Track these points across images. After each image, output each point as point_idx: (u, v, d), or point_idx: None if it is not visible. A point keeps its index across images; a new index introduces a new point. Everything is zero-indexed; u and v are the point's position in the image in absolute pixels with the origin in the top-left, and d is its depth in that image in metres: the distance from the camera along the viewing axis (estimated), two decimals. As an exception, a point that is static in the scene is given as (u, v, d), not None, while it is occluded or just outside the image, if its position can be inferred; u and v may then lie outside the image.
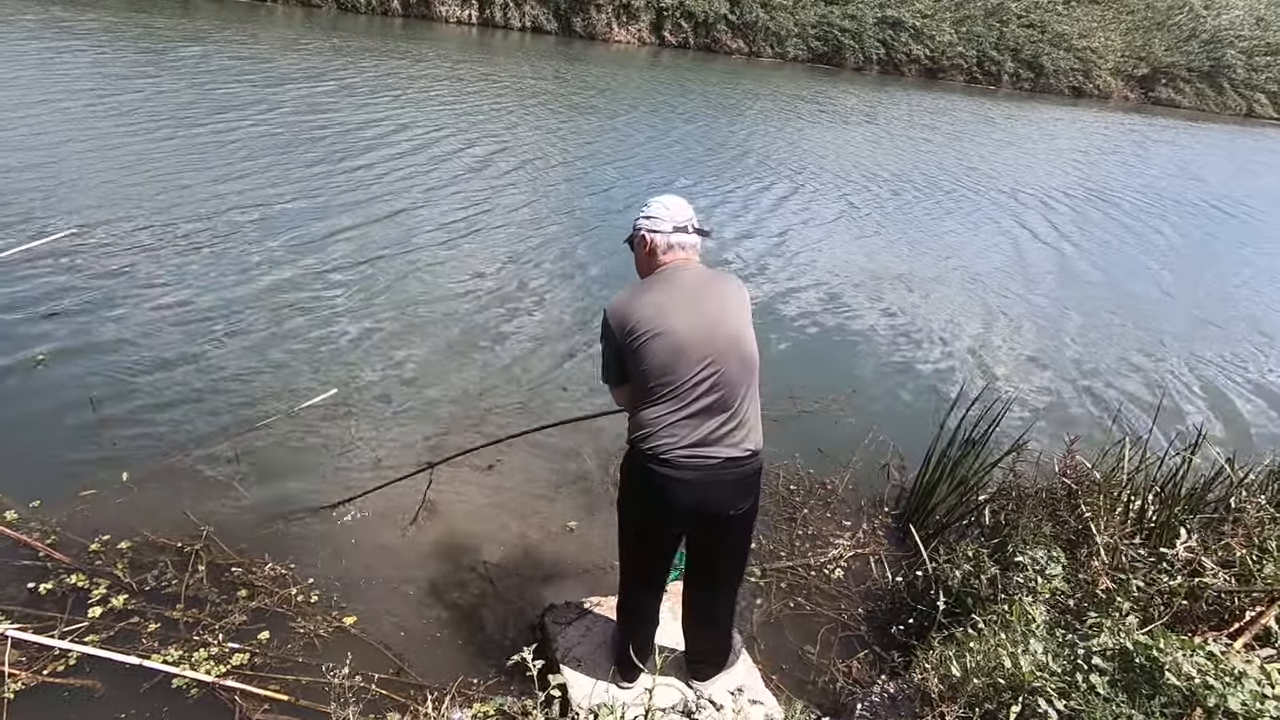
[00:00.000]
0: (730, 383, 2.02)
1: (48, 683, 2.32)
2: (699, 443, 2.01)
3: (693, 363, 1.99)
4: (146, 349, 4.16)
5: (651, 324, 1.99)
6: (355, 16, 19.71)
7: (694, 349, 1.99)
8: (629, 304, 2.05)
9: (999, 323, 6.54)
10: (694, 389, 1.99)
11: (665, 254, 2.09)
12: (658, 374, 2.00)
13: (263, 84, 10.52)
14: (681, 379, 1.99)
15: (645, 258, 2.13)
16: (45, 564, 2.73)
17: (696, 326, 2.00)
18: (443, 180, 7.82)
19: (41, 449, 3.32)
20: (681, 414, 2.00)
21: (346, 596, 2.82)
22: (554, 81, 15.03)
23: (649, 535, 2.22)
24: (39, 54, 10.13)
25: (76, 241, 5.16)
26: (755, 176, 10.04)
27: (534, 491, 3.54)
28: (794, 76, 22.18)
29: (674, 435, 2.00)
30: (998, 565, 2.69)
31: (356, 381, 4.18)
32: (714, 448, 2.02)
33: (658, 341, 1.98)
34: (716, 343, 2.01)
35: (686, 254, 2.11)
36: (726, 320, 2.04)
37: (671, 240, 2.08)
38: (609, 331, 2.06)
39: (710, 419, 2.01)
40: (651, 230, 2.09)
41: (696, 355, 1.99)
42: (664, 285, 2.06)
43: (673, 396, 2.00)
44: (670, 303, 2.02)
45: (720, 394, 2.01)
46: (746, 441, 2.07)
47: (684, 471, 2.01)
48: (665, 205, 2.12)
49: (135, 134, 7.59)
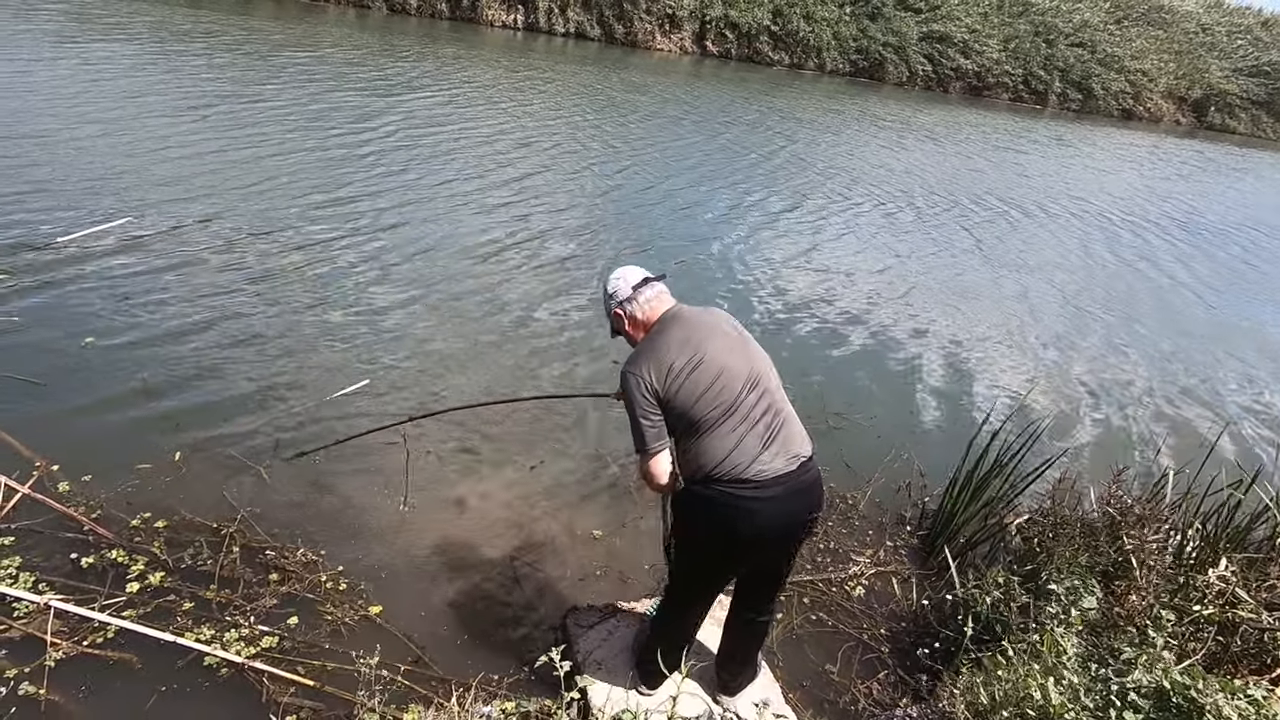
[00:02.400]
0: (775, 393, 2.06)
1: (86, 653, 2.39)
2: (773, 456, 2.01)
3: (740, 380, 2.00)
4: (192, 335, 4.28)
5: (687, 357, 1.98)
6: (405, 18, 20.11)
7: (736, 367, 2.01)
8: (652, 353, 2.03)
9: (1038, 343, 6.42)
10: (752, 406, 2.01)
11: (648, 310, 2.11)
12: (712, 400, 1.98)
13: (320, 82, 10.78)
14: (736, 397, 2.00)
15: (634, 328, 2.15)
16: (88, 538, 2.82)
17: (728, 348, 2.02)
18: (497, 183, 7.93)
19: (93, 426, 3.43)
20: (748, 431, 1.99)
21: (374, 586, 2.86)
22: (637, 92, 15.14)
23: (724, 565, 2.17)
24: (86, 50, 10.50)
25: (131, 230, 5.33)
26: (801, 189, 10.01)
27: (564, 497, 3.56)
28: (839, 90, 22.05)
29: (747, 454, 1.98)
30: (1029, 593, 2.63)
31: (389, 372, 4.25)
32: (785, 457, 2.03)
33: (701, 370, 1.98)
34: (752, 360, 2.04)
35: (664, 300, 2.14)
36: (745, 340, 2.09)
37: (644, 296, 2.11)
38: (640, 388, 2.00)
39: (772, 430, 2.03)
40: (625, 302, 2.12)
41: (740, 373, 2.01)
42: (673, 325, 2.06)
43: (734, 416, 1.99)
44: (692, 334, 2.02)
45: (772, 405, 2.04)
46: (806, 445, 2.10)
47: (767, 489, 1.99)
48: (619, 276, 2.16)
49: (195, 128, 7.82)
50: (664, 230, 7.53)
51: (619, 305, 2.13)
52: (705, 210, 8.44)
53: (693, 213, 8.24)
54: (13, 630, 2.41)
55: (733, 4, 23.92)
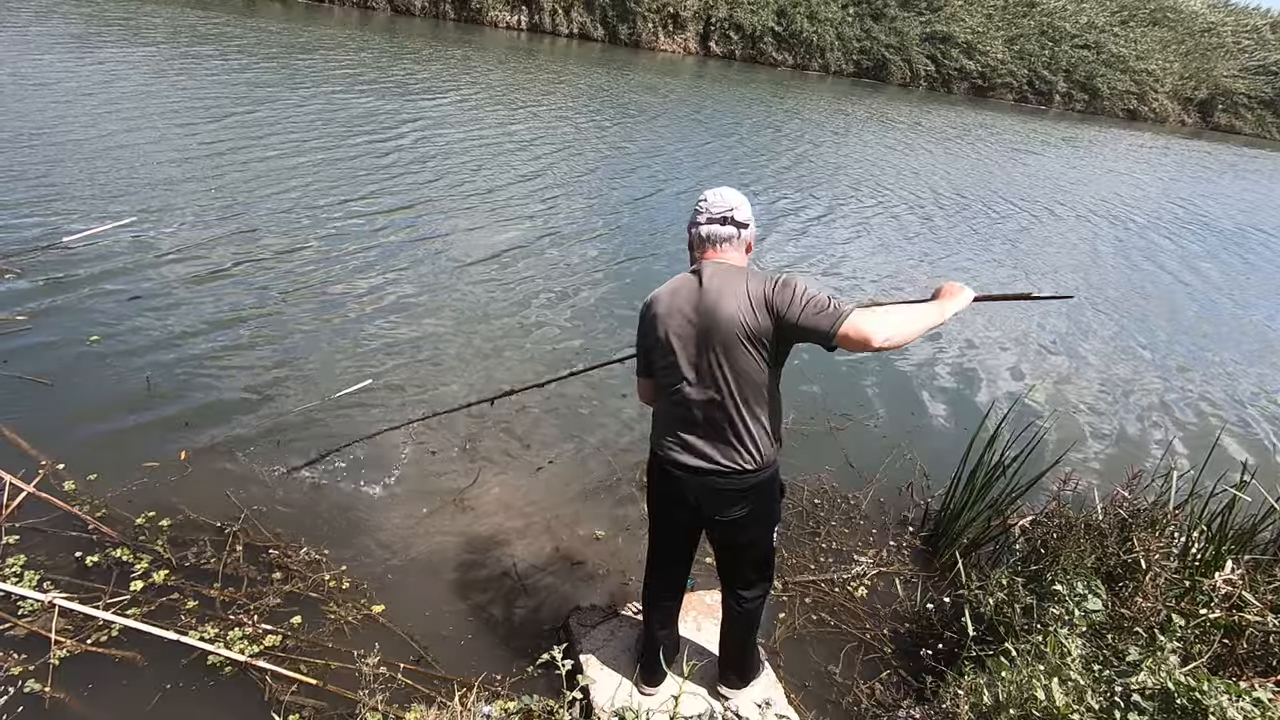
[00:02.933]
0: (725, 390, 1.95)
1: (91, 651, 2.40)
2: (688, 446, 2.04)
3: (688, 366, 1.99)
4: (195, 334, 4.29)
5: (661, 322, 2.01)
6: (409, 19, 20.17)
7: (690, 352, 1.98)
8: (653, 299, 2.07)
9: (1043, 344, 6.40)
10: (690, 394, 1.99)
11: (699, 248, 2.05)
12: (662, 373, 2.05)
13: (326, 84, 10.80)
14: (679, 380, 2.01)
15: (690, 252, 2.11)
16: (93, 536, 2.83)
17: (697, 330, 1.95)
18: (504, 185, 7.93)
19: (99, 425, 3.45)
20: (676, 415, 2.05)
21: (377, 585, 2.86)
22: (646, 93, 15.14)
23: (659, 525, 2.31)
24: (95, 51, 10.54)
25: (137, 230, 5.35)
26: (809, 189, 10.00)
27: (568, 497, 3.56)
28: (843, 90, 22.01)
29: (670, 434, 2.07)
30: (1033, 595, 2.62)
31: (391, 373, 4.26)
32: (701, 457, 2.03)
33: (664, 340, 2.01)
34: (714, 348, 1.94)
35: (721, 249, 2.02)
36: (731, 326, 1.90)
37: (705, 233, 2.02)
38: (640, 324, 2.12)
39: (702, 424, 2.01)
40: (691, 224, 2.06)
41: (691, 358, 1.98)
42: (684, 282, 2.03)
43: (670, 397, 2.05)
44: (682, 303, 1.99)
45: (713, 399, 1.97)
46: (739, 455, 2.01)
47: (678, 470, 2.07)
48: (707, 198, 2.04)
49: (203, 131, 7.85)
50: (671, 232, 7.53)
51: (692, 224, 2.06)
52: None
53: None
54: (17, 628, 2.42)
55: (737, 5, 23.95)
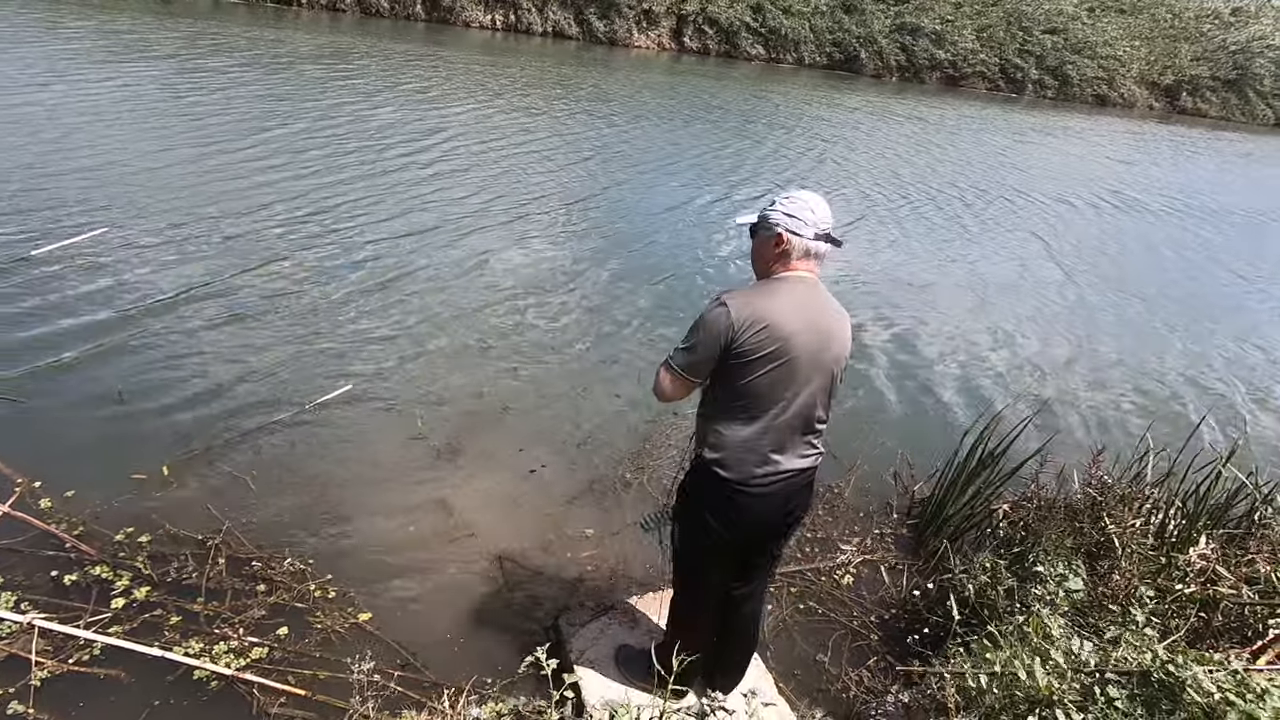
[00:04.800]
0: (822, 405, 2.01)
1: (73, 671, 2.37)
2: (784, 459, 2.00)
3: (800, 389, 1.93)
4: (169, 345, 4.23)
5: (778, 340, 1.86)
6: (379, 20, 19.97)
7: (805, 376, 1.93)
8: (758, 307, 1.87)
9: (1021, 330, 6.49)
10: (793, 414, 1.95)
11: (798, 260, 1.93)
12: (762, 392, 1.91)
13: (297, 88, 10.68)
14: (785, 403, 1.93)
15: (773, 256, 1.95)
16: (70, 555, 2.78)
17: (814, 355, 1.92)
18: (487, 186, 7.89)
19: (74, 440, 3.39)
20: (773, 435, 1.96)
21: (363, 593, 2.85)
22: (634, 91, 15.11)
23: (727, 555, 2.16)
24: (62, 57, 10.34)
25: (107, 241, 5.27)
26: (798, 182, 10.04)
27: (554, 497, 3.56)
28: (818, 82, 22.13)
29: (760, 455, 1.97)
30: (1015, 577, 2.67)
31: (368, 377, 4.23)
32: (796, 460, 2.03)
33: (779, 362, 1.88)
34: (823, 372, 1.96)
35: (815, 265, 1.97)
36: (838, 353, 1.97)
37: (812, 247, 1.92)
38: (722, 325, 1.86)
39: (797, 435, 2.00)
40: (791, 231, 1.90)
41: (803, 382, 1.93)
42: (797, 301, 1.91)
43: (769, 418, 1.94)
44: (804, 325, 1.89)
45: (813, 415, 2.00)
46: (819, 451, 2.09)
47: (771, 488, 1.99)
48: (811, 206, 1.91)
49: (169, 140, 7.73)
50: (659, 229, 7.54)
51: (789, 230, 1.90)
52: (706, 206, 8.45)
53: (690, 209, 8.25)
54: (-6, 652, 2.38)
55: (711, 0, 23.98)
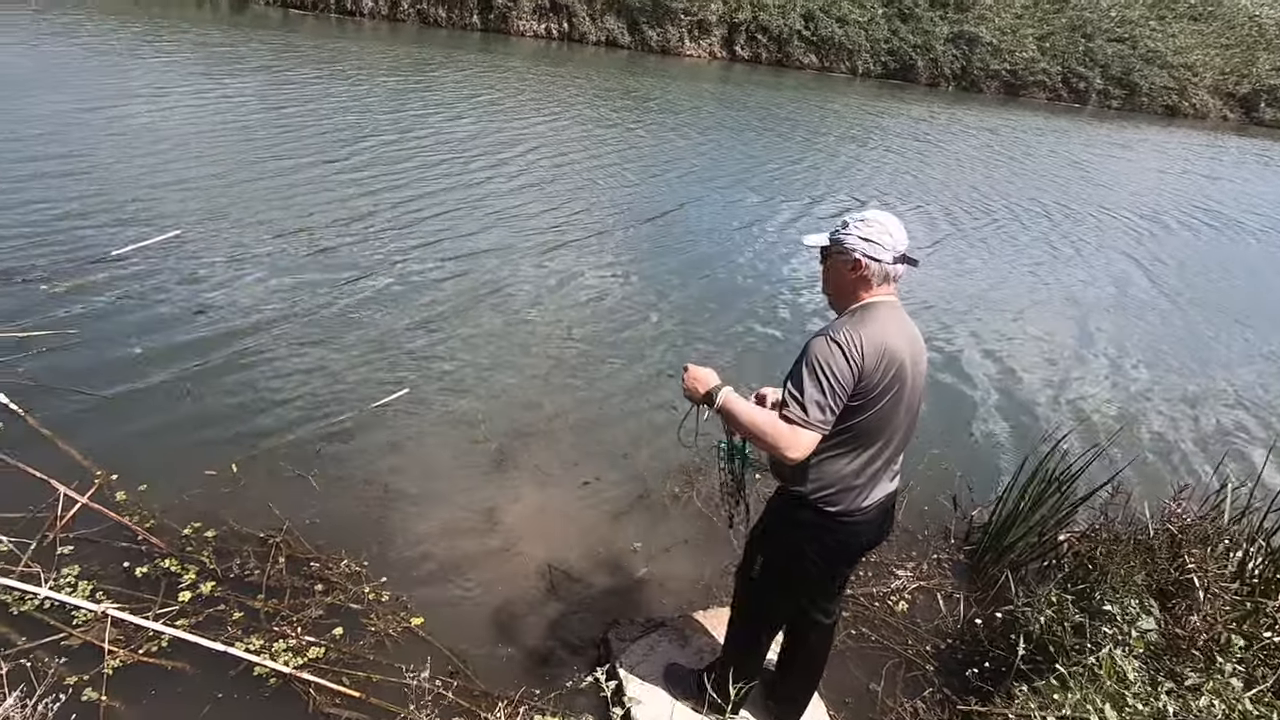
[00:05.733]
0: (911, 426, 2.00)
1: (143, 661, 2.45)
2: (883, 486, 1.99)
3: (905, 417, 1.92)
4: (236, 345, 4.38)
5: (896, 373, 1.82)
6: (436, 30, 20.46)
7: (909, 404, 1.91)
8: (875, 340, 1.80)
9: (1103, 353, 6.24)
10: (897, 440, 1.95)
11: (879, 285, 1.87)
12: (874, 426, 1.86)
13: (363, 96, 11.01)
14: (893, 433, 1.91)
15: (850, 282, 1.89)
16: (142, 547, 2.89)
17: (915, 382, 1.90)
18: (548, 192, 8.00)
19: (146, 437, 3.53)
20: (879, 463, 1.93)
21: (415, 597, 2.89)
22: (687, 98, 15.20)
23: (812, 585, 2.14)
24: (143, 66, 10.85)
25: (183, 244, 5.50)
26: (854, 193, 9.92)
27: (605, 511, 3.56)
28: (874, 91, 21.82)
29: (870, 484, 1.94)
30: (1083, 612, 2.55)
31: (427, 382, 4.30)
32: (890, 485, 2.03)
33: (893, 392, 1.84)
34: (917, 393, 1.95)
35: (894, 287, 1.92)
36: (924, 374, 1.97)
37: (892, 270, 1.87)
38: (850, 365, 1.77)
39: (894, 460, 2.00)
40: (870, 257, 1.84)
41: (907, 410, 1.92)
42: (898, 328, 1.87)
43: (877, 449, 1.91)
44: (909, 353, 1.86)
45: (906, 438, 2.00)
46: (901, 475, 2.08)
47: (870, 514, 1.97)
48: (888, 229, 1.85)
49: (239, 147, 8.04)
50: (736, 246, 7.51)
51: (868, 255, 1.83)
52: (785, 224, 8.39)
53: (768, 226, 8.21)
54: (73, 638, 2.49)
55: (762, 8, 23.87)
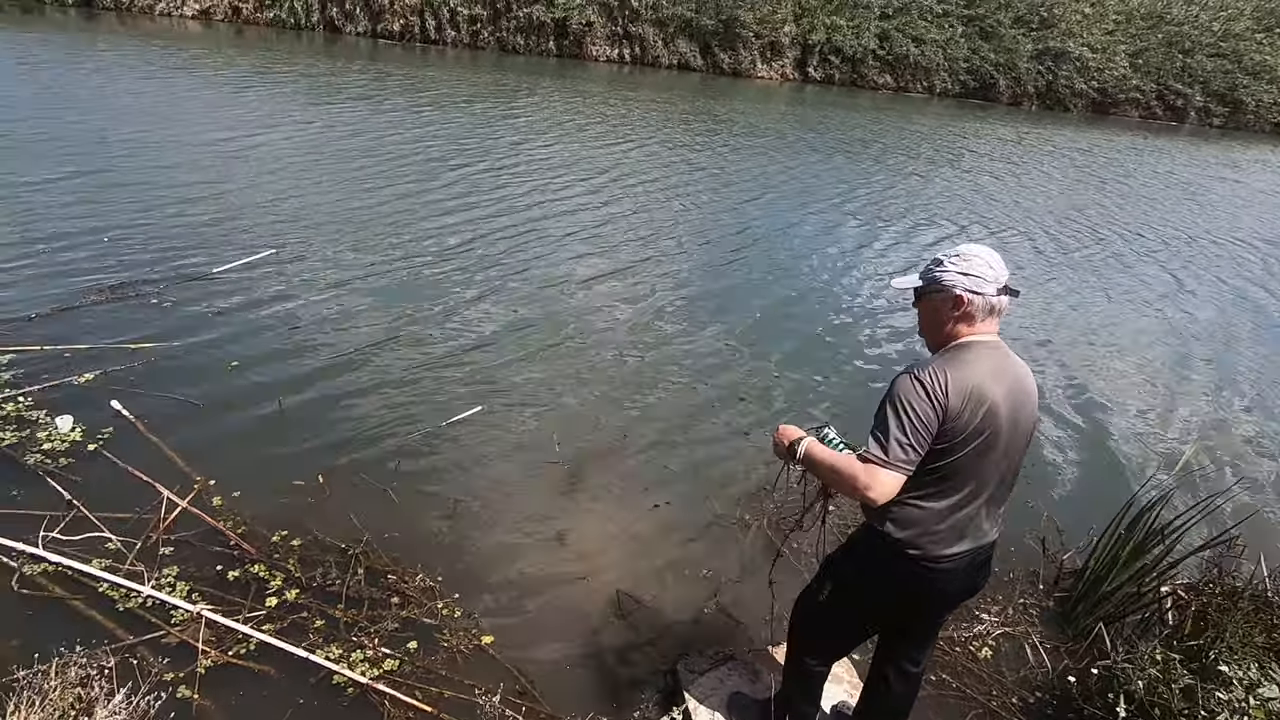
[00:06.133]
0: (1013, 475, 1.92)
1: (232, 663, 2.56)
2: (976, 534, 1.90)
3: (1000, 460, 1.83)
4: (323, 360, 4.58)
5: (985, 415, 1.74)
6: (515, 56, 21.17)
7: (1006, 447, 1.82)
8: (961, 366, 1.76)
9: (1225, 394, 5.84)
10: (989, 485, 1.86)
11: (983, 321, 1.81)
12: (963, 469, 1.79)
13: (444, 122, 11.47)
14: (985, 477, 1.83)
15: (952, 320, 1.82)
16: (234, 551, 3.04)
17: (1014, 424, 1.81)
18: (626, 217, 8.13)
19: (240, 445, 3.72)
20: (970, 509, 1.85)
21: (486, 615, 2.92)
22: (762, 119, 15.30)
23: (884, 620, 2.08)
24: (221, 95, 11.61)
25: (279, 263, 5.82)
26: (937, 216, 9.70)
27: (678, 536, 3.52)
28: (953, 110, 21.28)
29: (959, 531, 1.86)
30: (1193, 674, 2.35)
31: (502, 401, 4.38)
32: (987, 534, 1.94)
33: (984, 435, 1.76)
34: (1018, 439, 1.86)
35: (997, 322, 1.84)
36: (1031, 412, 1.87)
37: (995, 303, 1.79)
38: (932, 406, 1.72)
39: (989, 508, 1.91)
40: (972, 291, 1.77)
41: (1003, 454, 1.83)
42: (994, 367, 1.79)
43: (968, 493, 1.83)
44: (1004, 393, 1.78)
45: (1003, 485, 1.91)
46: (1000, 524, 1.98)
47: (960, 562, 1.89)
48: (988, 262, 1.79)
49: (335, 175, 8.49)
50: (831, 274, 7.45)
51: (970, 290, 1.77)
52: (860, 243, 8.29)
53: (866, 254, 8.11)
54: (170, 636, 2.62)
55: (835, 29, 23.71)
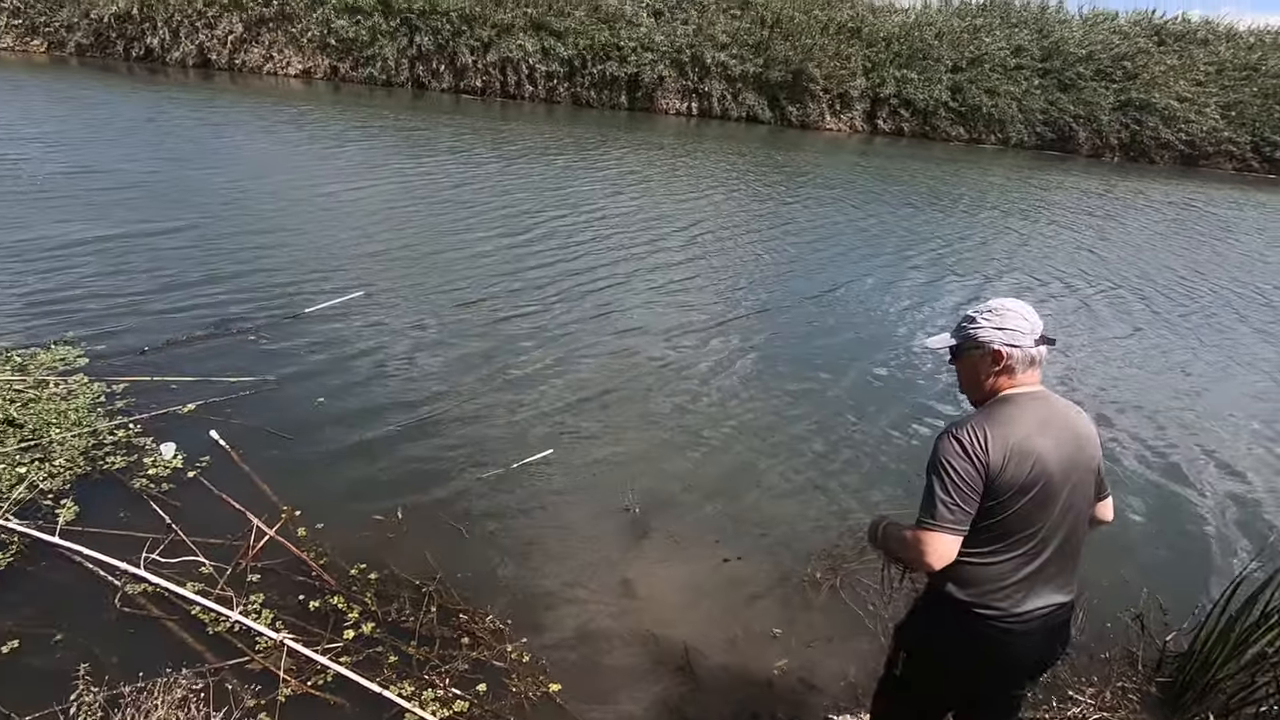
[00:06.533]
0: (1080, 525, 1.87)
1: (310, 693, 2.62)
2: (1045, 592, 1.84)
3: (1058, 511, 1.79)
4: (405, 399, 4.75)
5: (1034, 467, 1.74)
6: (588, 110, 22.00)
7: (1063, 497, 1.79)
8: (1003, 422, 1.76)
9: None
10: (1053, 538, 1.81)
11: (1023, 373, 1.82)
12: (1019, 524, 1.76)
13: (524, 174, 11.98)
14: (1044, 528, 1.79)
15: (991, 374, 1.83)
16: (315, 582, 3.13)
17: (1068, 471, 1.79)
18: (699, 266, 8.26)
19: (324, 478, 3.87)
20: (1034, 565, 1.81)
21: (554, 662, 2.90)
22: (838, 171, 15.47)
23: (963, 692, 1.99)
24: (334, 148, 12.39)
25: (366, 305, 6.13)
26: (1030, 269, 9.46)
27: (747, 592, 3.44)
28: (1028, 163, 20.85)
29: (1025, 588, 1.81)
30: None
31: (572, 445, 4.43)
32: (1058, 594, 1.86)
33: (1036, 487, 1.75)
34: (1079, 487, 1.82)
35: (1038, 373, 1.85)
36: (1091, 453, 1.85)
37: (1034, 354, 1.80)
38: (971, 452, 1.72)
39: (1057, 564, 1.85)
40: (1010, 344, 1.79)
41: (1063, 505, 1.80)
42: (1038, 418, 1.78)
43: (1029, 548, 1.80)
44: (1053, 442, 1.77)
45: (1071, 538, 1.86)
46: (1075, 585, 1.92)
47: (1034, 624, 1.82)
48: (1022, 314, 1.80)
49: (422, 221, 8.95)
50: (880, 318, 7.37)
51: (1007, 344, 1.79)
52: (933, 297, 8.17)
53: (918, 298, 8.02)
54: (254, 662, 2.71)
55: (906, 81, 23.72)
